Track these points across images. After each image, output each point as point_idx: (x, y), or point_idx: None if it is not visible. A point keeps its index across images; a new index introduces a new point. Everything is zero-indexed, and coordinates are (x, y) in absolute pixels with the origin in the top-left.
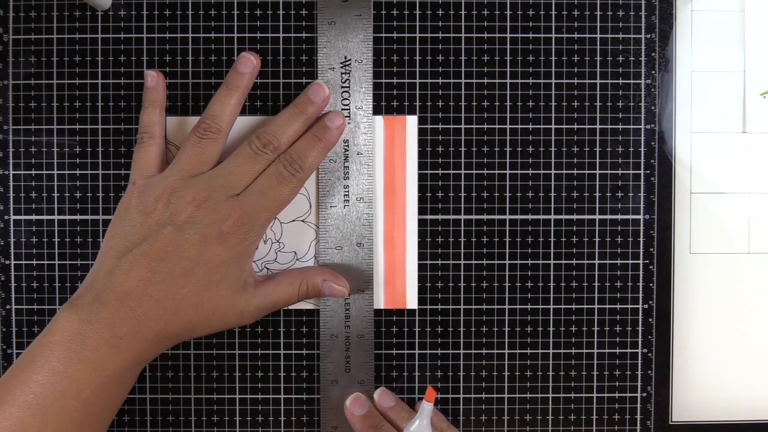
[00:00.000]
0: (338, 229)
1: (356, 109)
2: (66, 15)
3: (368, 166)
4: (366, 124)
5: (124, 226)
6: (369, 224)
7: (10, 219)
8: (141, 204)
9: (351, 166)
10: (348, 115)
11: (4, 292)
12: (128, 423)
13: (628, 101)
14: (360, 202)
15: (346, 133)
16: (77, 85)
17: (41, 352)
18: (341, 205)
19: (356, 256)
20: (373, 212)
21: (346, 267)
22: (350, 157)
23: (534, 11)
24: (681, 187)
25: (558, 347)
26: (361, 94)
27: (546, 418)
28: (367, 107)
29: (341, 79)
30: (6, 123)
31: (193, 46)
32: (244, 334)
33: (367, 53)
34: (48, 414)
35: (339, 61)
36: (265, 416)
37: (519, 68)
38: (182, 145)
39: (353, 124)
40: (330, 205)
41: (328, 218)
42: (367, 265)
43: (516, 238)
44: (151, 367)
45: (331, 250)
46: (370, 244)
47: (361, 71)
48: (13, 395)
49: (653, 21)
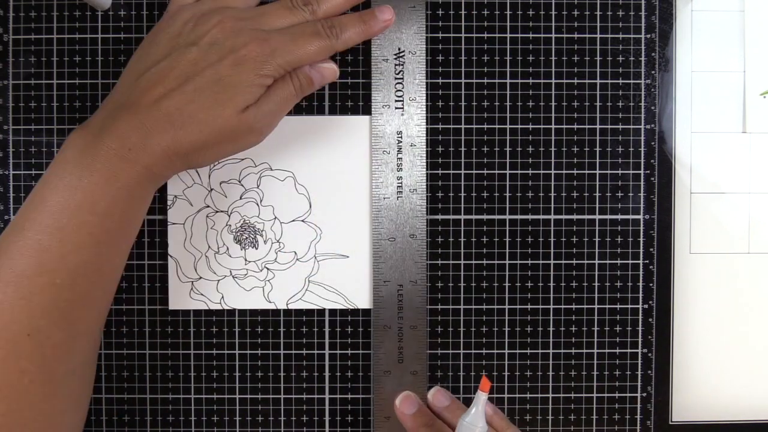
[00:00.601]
0: (391, 221)
1: (409, 101)
2: (66, 15)
3: (421, 158)
4: (419, 115)
5: (149, 48)
6: (422, 216)
7: (11, 219)
8: (169, 27)
9: (404, 157)
10: (401, 107)
11: None
12: (128, 423)
13: (628, 101)
14: (413, 193)
15: (399, 124)
16: (77, 85)
17: (54, 172)
18: (394, 197)
19: (409, 247)
20: (425, 204)
21: (399, 258)
22: (403, 148)
23: (534, 11)
24: (681, 187)
25: (558, 347)
26: (414, 85)
27: (546, 418)
28: (420, 99)
29: (395, 71)
30: (6, 123)
31: None
32: (244, 334)
33: (420, 45)
34: (65, 231)
35: (393, 53)
36: (265, 416)
37: (519, 68)
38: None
39: (407, 116)
40: (383, 196)
41: (381, 209)
42: (420, 256)
43: (516, 238)
44: (150, 367)
45: (384, 242)
46: (422, 236)
47: (414, 63)
48: (31, 220)
49: (653, 21)
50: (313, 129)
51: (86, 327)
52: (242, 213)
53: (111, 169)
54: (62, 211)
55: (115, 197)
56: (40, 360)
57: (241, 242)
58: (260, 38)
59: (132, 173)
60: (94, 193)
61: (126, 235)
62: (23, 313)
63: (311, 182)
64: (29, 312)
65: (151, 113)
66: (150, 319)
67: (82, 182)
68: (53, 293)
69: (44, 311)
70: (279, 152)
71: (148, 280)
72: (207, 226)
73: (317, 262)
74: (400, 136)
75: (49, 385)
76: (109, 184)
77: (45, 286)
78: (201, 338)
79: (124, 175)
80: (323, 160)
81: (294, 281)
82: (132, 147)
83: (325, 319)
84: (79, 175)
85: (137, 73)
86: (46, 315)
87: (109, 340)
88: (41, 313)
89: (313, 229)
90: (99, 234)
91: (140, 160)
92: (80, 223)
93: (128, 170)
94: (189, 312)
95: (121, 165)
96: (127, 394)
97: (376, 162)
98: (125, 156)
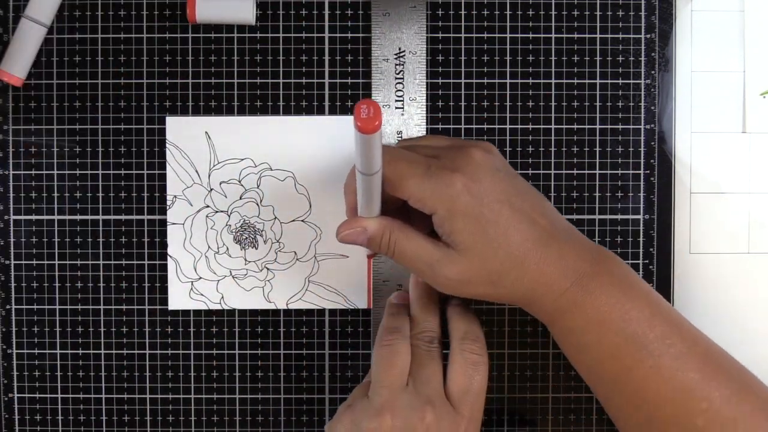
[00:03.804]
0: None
1: (410, 101)
2: (66, 15)
3: None
4: (419, 115)
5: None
6: None
7: (10, 219)
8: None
9: None
10: (401, 107)
11: (4, 292)
12: (128, 423)
13: (628, 101)
14: None
15: (399, 124)
16: (77, 85)
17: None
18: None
19: None
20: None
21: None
22: None
23: (534, 11)
24: (681, 187)
25: (558, 347)
26: (414, 85)
27: (546, 418)
28: (420, 99)
29: (395, 71)
30: (6, 123)
31: (193, 47)
32: (244, 334)
33: (420, 45)
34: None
35: (393, 53)
36: (265, 416)
37: (519, 68)
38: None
39: (407, 116)
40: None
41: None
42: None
43: None
44: (150, 367)
45: None
46: None
47: (415, 63)
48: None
49: (653, 21)
50: (313, 129)
51: None
52: (242, 213)
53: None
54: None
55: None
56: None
57: (241, 242)
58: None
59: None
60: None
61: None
62: None
63: (311, 182)
64: None
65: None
66: (150, 319)
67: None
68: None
69: None
70: (279, 152)
71: (148, 280)
72: (207, 226)
73: (317, 262)
74: (400, 136)
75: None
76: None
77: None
78: (201, 338)
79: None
80: (323, 160)
81: (294, 281)
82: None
83: (325, 319)
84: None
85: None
86: None
87: (109, 340)
88: None
89: (313, 229)
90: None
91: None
92: None
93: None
94: (189, 312)
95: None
96: (127, 394)
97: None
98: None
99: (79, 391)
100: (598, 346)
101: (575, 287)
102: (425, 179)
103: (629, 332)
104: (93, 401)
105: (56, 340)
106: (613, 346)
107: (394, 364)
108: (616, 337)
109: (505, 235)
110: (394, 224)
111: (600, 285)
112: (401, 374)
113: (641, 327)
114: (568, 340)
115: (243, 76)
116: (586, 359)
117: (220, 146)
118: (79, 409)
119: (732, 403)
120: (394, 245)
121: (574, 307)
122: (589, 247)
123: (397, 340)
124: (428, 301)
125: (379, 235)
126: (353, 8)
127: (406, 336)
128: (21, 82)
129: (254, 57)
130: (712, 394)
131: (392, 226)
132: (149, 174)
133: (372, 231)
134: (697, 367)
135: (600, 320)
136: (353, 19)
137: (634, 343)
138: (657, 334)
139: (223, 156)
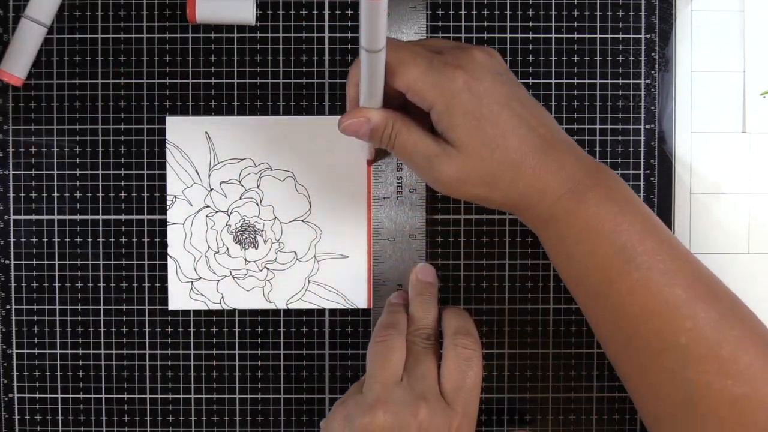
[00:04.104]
0: (391, 221)
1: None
2: (66, 15)
3: None
4: None
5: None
6: (421, 216)
7: (10, 219)
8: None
9: None
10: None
11: (4, 292)
12: (128, 423)
13: (628, 101)
14: (413, 193)
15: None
16: (77, 85)
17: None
18: (394, 197)
19: (409, 247)
20: (425, 204)
21: (398, 258)
22: None
23: (534, 11)
24: (681, 187)
25: (558, 347)
26: None
27: (546, 417)
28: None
29: None
30: (6, 123)
31: (193, 47)
32: (244, 334)
33: None
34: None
35: None
36: (265, 416)
37: (519, 68)
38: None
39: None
40: (383, 196)
41: (380, 209)
42: (420, 256)
43: (516, 238)
44: (150, 367)
45: (383, 241)
46: (422, 236)
47: None
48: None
49: (653, 21)
50: (313, 129)
51: None
52: (242, 213)
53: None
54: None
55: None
56: None
57: (241, 242)
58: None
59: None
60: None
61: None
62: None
63: (311, 182)
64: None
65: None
66: (150, 319)
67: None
68: None
69: None
70: (279, 152)
71: (148, 280)
72: (207, 226)
73: (317, 262)
74: None
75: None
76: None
77: None
78: (201, 338)
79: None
80: (323, 160)
81: (294, 281)
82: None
83: (325, 319)
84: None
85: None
86: None
87: (109, 340)
88: None
89: (313, 229)
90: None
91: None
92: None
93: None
94: (189, 312)
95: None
96: (127, 394)
97: (376, 162)
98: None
99: (79, 391)
100: (588, 256)
101: (570, 195)
102: (427, 71)
103: (619, 244)
104: (93, 401)
105: (56, 340)
106: (602, 257)
107: (389, 360)
108: (606, 247)
109: (503, 137)
110: (397, 116)
111: (596, 196)
112: (395, 370)
113: (631, 240)
114: (558, 249)
115: (243, 76)
116: (574, 269)
117: (220, 146)
118: (79, 409)
119: (718, 325)
120: (395, 137)
121: (567, 215)
122: (588, 161)
123: (392, 336)
124: (427, 299)
125: (382, 125)
126: (353, 8)
127: (401, 332)
128: (21, 82)
129: (254, 57)
130: (698, 314)
131: (395, 118)
132: (149, 174)
133: (376, 121)
134: (685, 285)
135: (592, 230)
136: (353, 19)
137: (623, 254)
138: (647, 248)
139: (223, 156)
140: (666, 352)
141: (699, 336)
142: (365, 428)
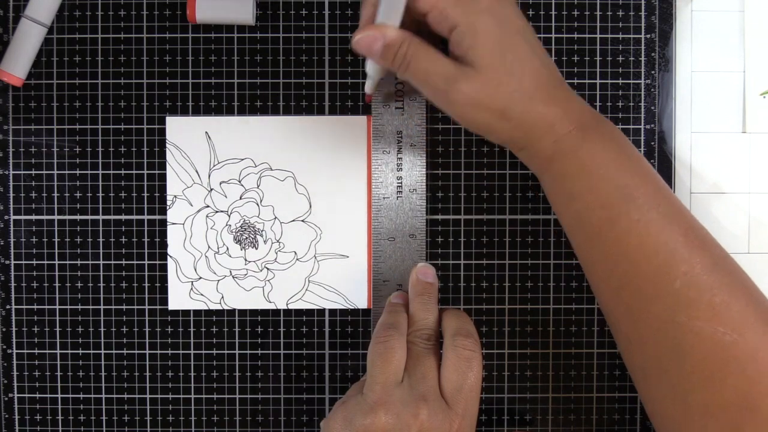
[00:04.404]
0: (391, 221)
1: (409, 100)
2: (66, 15)
3: (421, 158)
4: (419, 115)
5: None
6: (422, 216)
7: (10, 219)
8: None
9: (404, 157)
10: (401, 107)
11: (4, 292)
12: (128, 423)
13: (628, 101)
14: (413, 193)
15: (399, 124)
16: (77, 85)
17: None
18: (394, 197)
19: (409, 247)
20: (425, 204)
21: (398, 258)
22: (403, 148)
23: (534, 11)
24: (681, 187)
25: (558, 347)
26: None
27: (546, 418)
28: (420, 99)
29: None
30: (6, 123)
31: (193, 47)
32: (244, 334)
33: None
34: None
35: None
36: (265, 416)
37: None
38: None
39: (406, 115)
40: (383, 196)
41: (380, 209)
42: (420, 256)
43: (516, 238)
44: (150, 367)
45: (383, 242)
46: (422, 236)
47: None
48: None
49: (653, 21)
50: (313, 129)
51: None
52: (242, 213)
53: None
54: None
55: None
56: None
57: (241, 242)
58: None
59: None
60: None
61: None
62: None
63: (311, 182)
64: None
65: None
66: (150, 319)
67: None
68: None
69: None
70: (279, 152)
71: (148, 280)
72: (207, 226)
73: (317, 262)
74: (400, 136)
75: None
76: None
77: None
78: (201, 338)
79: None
80: (323, 160)
81: (294, 281)
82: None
83: (325, 319)
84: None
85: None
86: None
87: (109, 340)
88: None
89: (313, 229)
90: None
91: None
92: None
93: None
94: (189, 312)
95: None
96: (127, 394)
97: (376, 162)
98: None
99: (79, 391)
100: (589, 194)
101: (576, 132)
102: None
103: (621, 183)
104: (93, 401)
105: (56, 340)
106: (604, 195)
107: (389, 361)
108: (608, 185)
109: (520, 64)
110: (414, 38)
111: (600, 135)
112: (396, 371)
113: (633, 181)
114: (559, 187)
115: (243, 76)
116: (575, 208)
117: (220, 146)
118: (79, 409)
119: (712, 272)
120: (410, 58)
121: (571, 152)
122: (590, 107)
123: (393, 337)
124: (427, 299)
125: (397, 43)
126: (353, 8)
127: (402, 333)
128: (21, 82)
129: (254, 57)
130: (694, 260)
131: (411, 39)
132: (149, 174)
133: (390, 37)
134: (681, 232)
135: (594, 168)
136: (353, 19)
137: (624, 195)
138: (648, 191)
139: (223, 156)
140: (659, 298)
141: (693, 281)
142: (366, 429)
